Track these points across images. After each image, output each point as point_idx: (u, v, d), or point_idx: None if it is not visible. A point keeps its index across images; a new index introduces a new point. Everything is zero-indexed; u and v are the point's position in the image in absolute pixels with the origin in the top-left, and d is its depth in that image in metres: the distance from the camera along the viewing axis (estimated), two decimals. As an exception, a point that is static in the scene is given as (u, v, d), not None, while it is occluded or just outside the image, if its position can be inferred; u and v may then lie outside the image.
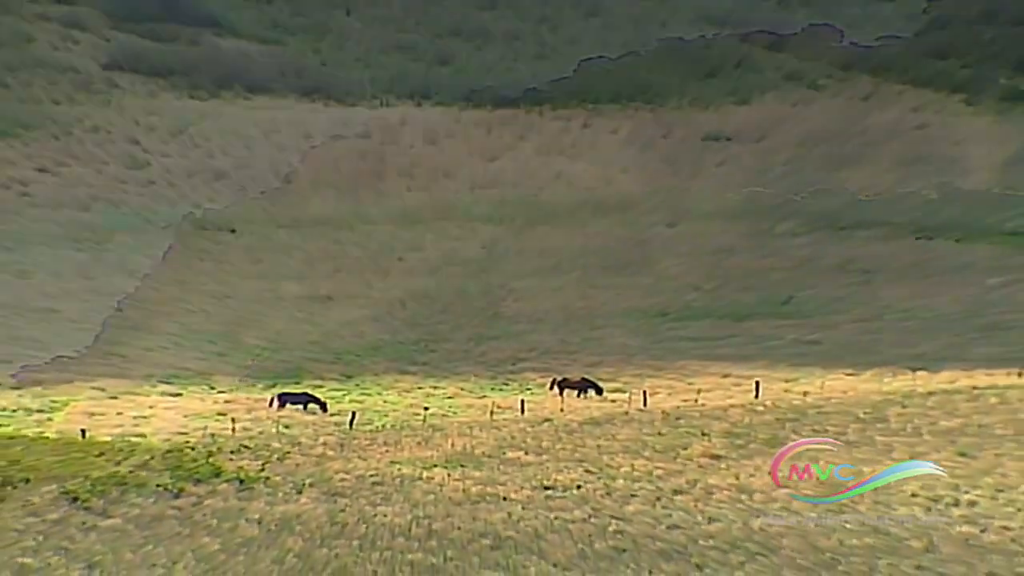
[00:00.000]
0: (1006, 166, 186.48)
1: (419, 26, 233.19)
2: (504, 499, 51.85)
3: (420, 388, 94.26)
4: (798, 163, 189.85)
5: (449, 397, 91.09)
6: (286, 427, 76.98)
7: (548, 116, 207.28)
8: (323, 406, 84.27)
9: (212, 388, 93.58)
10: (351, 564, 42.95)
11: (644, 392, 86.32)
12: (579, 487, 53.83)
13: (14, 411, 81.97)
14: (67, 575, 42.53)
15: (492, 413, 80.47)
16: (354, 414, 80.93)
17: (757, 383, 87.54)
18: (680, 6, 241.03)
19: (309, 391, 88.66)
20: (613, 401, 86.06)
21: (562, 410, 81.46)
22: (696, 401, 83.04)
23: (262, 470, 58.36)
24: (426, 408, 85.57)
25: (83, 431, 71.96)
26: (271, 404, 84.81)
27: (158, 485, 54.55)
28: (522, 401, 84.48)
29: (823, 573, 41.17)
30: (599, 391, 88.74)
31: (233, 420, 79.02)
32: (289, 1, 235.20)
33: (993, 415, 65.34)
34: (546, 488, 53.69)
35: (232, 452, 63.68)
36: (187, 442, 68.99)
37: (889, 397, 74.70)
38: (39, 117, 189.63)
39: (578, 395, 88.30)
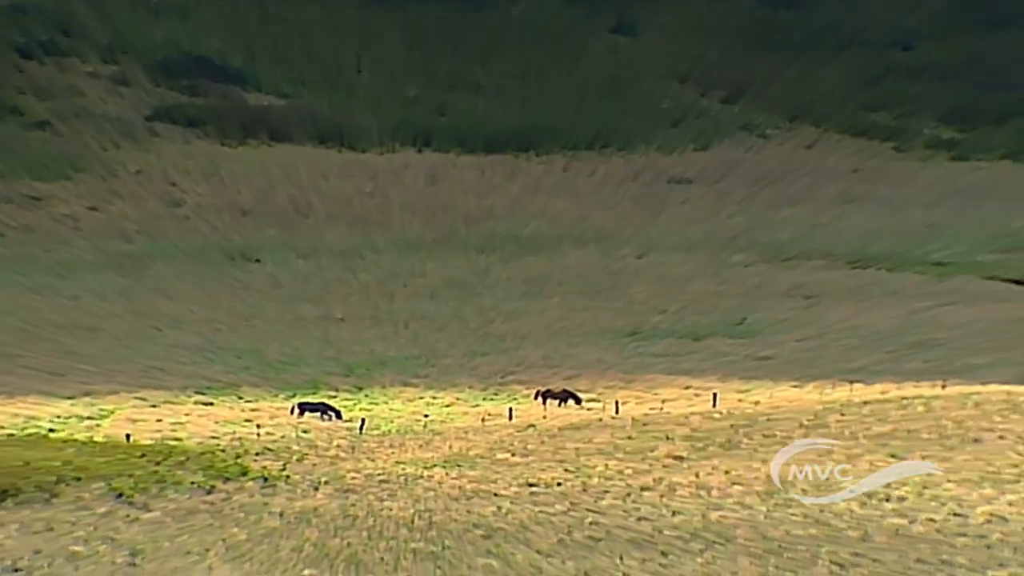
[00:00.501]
0: (931, 205, 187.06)
1: (420, 81, 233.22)
2: (495, 495, 51.85)
3: (421, 398, 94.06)
4: (750, 202, 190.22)
5: (447, 405, 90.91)
6: (304, 432, 76.94)
7: (532, 160, 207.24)
8: (337, 414, 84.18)
9: (240, 398, 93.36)
10: (361, 552, 42.94)
11: (616, 401, 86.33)
12: (560, 484, 53.84)
13: (67, 418, 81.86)
14: (113, 562, 42.44)
15: (484, 420, 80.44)
16: (364, 420, 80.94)
17: (714, 394, 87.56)
18: (649, 65, 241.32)
19: (325, 400, 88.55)
20: (589, 409, 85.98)
21: (545, 417, 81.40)
22: (661, 409, 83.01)
23: (283, 469, 58.33)
24: (426, 415, 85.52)
25: (127, 435, 71.96)
26: (292, 412, 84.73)
27: (192, 482, 54.51)
28: (510, 409, 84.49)
29: (772, 559, 41.20)
30: (577, 400, 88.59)
31: (258, 426, 79.02)
32: (306, 60, 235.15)
33: (920, 422, 65.39)
34: (531, 485, 53.68)
35: (257, 454, 63.65)
36: (218, 445, 68.94)
37: (829, 406, 74.62)
38: (88, 161, 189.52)
39: (559, 404, 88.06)
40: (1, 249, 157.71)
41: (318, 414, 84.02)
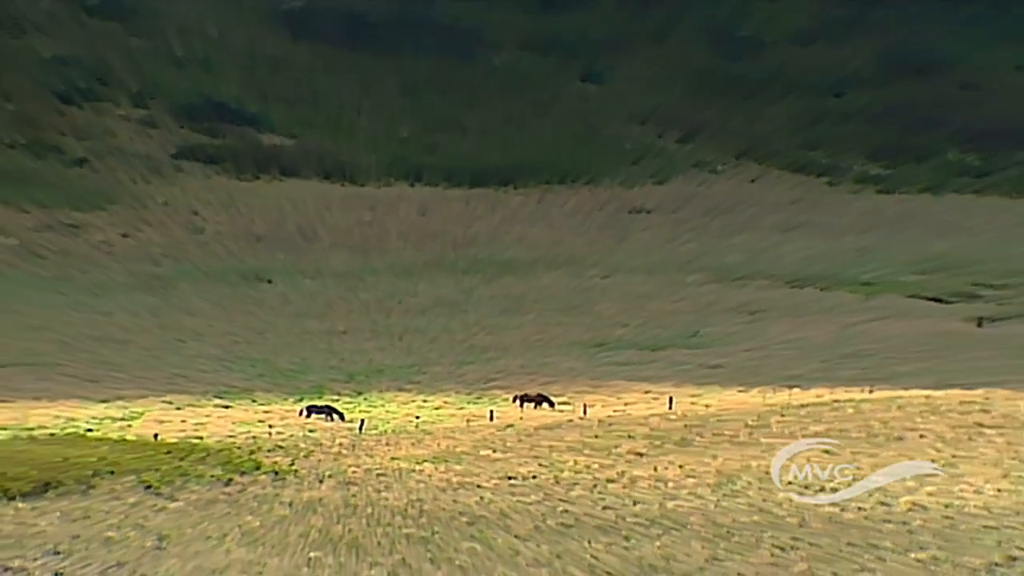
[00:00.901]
0: (859, 232, 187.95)
1: (412, 123, 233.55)
2: (478, 486, 51.83)
3: (414, 401, 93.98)
4: (702, 230, 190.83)
5: (436, 408, 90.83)
6: (311, 431, 76.85)
7: (511, 193, 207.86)
8: (340, 415, 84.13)
9: (254, 401, 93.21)
10: (361, 537, 42.89)
11: (584, 404, 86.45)
12: (535, 477, 53.85)
13: (102, 419, 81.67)
14: (142, 546, 42.29)
15: (469, 421, 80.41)
16: (363, 421, 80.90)
17: (671, 398, 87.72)
18: (613, 110, 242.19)
19: (329, 404, 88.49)
20: (561, 411, 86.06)
21: (522, 418, 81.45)
22: (624, 411, 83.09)
23: (292, 464, 58.27)
24: (418, 417, 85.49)
25: (155, 435, 71.83)
26: (300, 414, 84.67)
27: (212, 476, 54.41)
28: (491, 411, 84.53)
29: (721, 543, 41.21)
30: (551, 404, 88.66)
31: (270, 426, 78.90)
32: (313, 105, 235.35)
33: (851, 422, 65.54)
34: (510, 478, 53.66)
35: (269, 450, 63.57)
36: (235, 443, 68.81)
37: (771, 408, 74.80)
38: (120, 193, 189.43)
39: (534, 407, 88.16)
40: (43, 271, 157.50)
41: (323, 416, 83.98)
